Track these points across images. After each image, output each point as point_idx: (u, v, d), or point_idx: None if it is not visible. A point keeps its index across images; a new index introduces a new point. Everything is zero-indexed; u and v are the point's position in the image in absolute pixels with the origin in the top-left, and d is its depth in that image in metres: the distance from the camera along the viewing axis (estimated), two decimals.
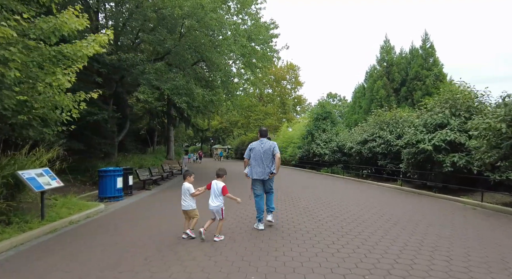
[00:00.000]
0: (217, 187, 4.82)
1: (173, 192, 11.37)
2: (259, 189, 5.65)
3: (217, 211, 4.81)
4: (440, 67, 23.70)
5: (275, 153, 5.52)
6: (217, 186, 4.82)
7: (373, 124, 15.71)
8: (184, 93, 11.33)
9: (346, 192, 10.75)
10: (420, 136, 10.11)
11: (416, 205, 8.19)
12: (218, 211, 4.80)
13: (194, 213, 5.04)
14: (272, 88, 45.67)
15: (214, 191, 4.82)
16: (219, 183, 4.86)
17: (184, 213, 5.08)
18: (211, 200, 4.83)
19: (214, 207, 4.79)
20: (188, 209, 4.99)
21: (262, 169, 5.53)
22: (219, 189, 4.79)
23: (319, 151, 21.05)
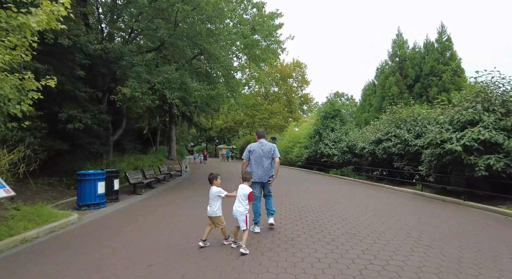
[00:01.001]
0: (243, 192, 4.49)
1: (167, 197, 10.23)
2: (258, 192, 5.48)
3: (242, 220, 4.34)
4: (458, 61, 22.13)
5: (275, 156, 5.48)
6: (243, 191, 4.50)
7: (388, 122, 14.34)
8: (178, 88, 10.16)
9: (360, 198, 9.46)
10: (446, 135, 8.75)
11: (446, 216, 6.86)
12: (243, 219, 4.34)
13: (219, 220, 4.56)
14: (278, 86, 44.39)
15: (240, 195, 4.49)
16: (246, 187, 4.55)
17: (210, 219, 4.61)
18: (236, 205, 4.46)
19: (239, 213, 4.35)
20: (213, 216, 4.53)
21: (262, 171, 5.42)
22: (245, 194, 4.47)
23: (327, 151, 19.72)
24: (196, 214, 6.84)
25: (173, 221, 6.37)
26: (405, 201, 9.17)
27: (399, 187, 12.15)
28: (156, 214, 7.32)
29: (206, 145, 66.14)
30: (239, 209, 4.33)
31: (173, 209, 7.84)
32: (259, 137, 5.68)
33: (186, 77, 10.22)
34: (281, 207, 7.55)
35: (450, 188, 10.05)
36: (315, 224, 5.91)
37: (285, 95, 44.75)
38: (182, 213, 7.21)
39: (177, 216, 6.92)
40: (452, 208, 7.93)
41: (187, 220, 6.43)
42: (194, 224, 5.93)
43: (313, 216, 6.65)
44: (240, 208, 4.34)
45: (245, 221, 4.31)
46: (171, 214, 7.07)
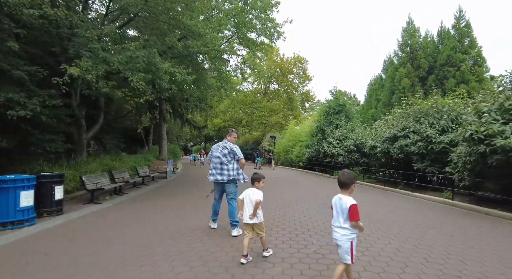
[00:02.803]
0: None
1: (132, 208, 8.06)
2: (217, 193, 5.44)
3: (346, 248, 2.89)
4: (478, 49, 19.81)
5: (237, 158, 5.29)
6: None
7: (404, 115, 12.13)
8: (143, 69, 7.98)
9: (376, 209, 7.27)
10: (495, 127, 6.55)
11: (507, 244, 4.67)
12: (347, 248, 2.89)
13: (260, 228, 3.83)
14: (277, 82, 42.18)
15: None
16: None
17: (247, 228, 3.82)
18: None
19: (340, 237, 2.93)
20: (254, 223, 3.75)
21: (220, 172, 5.25)
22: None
23: (331, 151, 17.50)
24: (162, 233, 4.70)
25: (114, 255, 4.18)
26: (441, 216, 6.95)
27: (420, 194, 9.95)
28: (108, 232, 5.15)
29: (205, 145, 64.06)
30: (339, 231, 2.91)
31: (131, 228, 5.69)
32: (227, 136, 5.46)
33: (155, 56, 8.04)
34: (270, 224, 5.39)
35: (491, 196, 7.84)
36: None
37: (285, 92, 42.52)
38: (138, 236, 5.04)
39: (128, 243, 4.74)
40: (509, 229, 5.72)
41: (141, 252, 4.25)
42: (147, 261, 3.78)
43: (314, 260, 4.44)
44: (340, 230, 2.90)
45: (350, 249, 2.86)
46: (120, 238, 4.90)
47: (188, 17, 9.40)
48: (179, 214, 6.82)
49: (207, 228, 5.45)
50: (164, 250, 4.21)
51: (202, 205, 7.71)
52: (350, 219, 2.84)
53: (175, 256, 3.97)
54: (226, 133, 5.57)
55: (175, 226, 5.58)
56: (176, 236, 4.92)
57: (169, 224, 5.75)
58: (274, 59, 40.86)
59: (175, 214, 6.83)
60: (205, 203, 7.71)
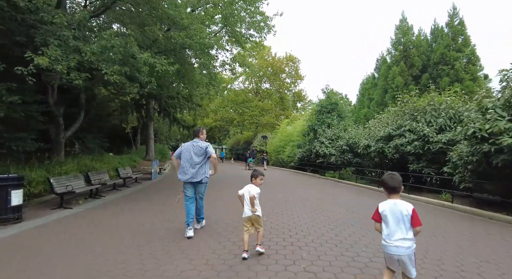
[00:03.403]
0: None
1: (110, 210, 7.31)
2: (190, 193, 5.17)
3: (411, 261, 2.45)
4: (472, 47, 19.50)
5: (208, 154, 5.12)
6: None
7: (400, 114, 11.60)
8: (119, 60, 7.22)
9: (371, 213, 6.69)
10: (501, 124, 6.00)
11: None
12: (412, 260, 2.45)
13: (259, 222, 3.95)
14: (269, 81, 41.58)
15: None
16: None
17: (247, 223, 3.91)
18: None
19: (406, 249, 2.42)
20: (256, 216, 3.87)
21: (192, 171, 5.06)
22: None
23: (324, 151, 16.94)
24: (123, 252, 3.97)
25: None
26: (442, 222, 6.36)
27: (417, 196, 9.40)
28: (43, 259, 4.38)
29: None
30: (403, 244, 2.41)
31: (95, 237, 4.94)
32: (195, 135, 5.39)
33: (133, 45, 7.27)
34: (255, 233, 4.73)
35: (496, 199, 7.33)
36: None
37: (277, 92, 41.95)
38: (101, 250, 4.30)
39: (83, 261, 4.00)
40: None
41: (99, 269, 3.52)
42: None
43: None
44: (406, 242, 2.42)
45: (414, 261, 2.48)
46: (73, 257, 4.15)
47: (171, 7, 8.67)
48: (157, 219, 6.09)
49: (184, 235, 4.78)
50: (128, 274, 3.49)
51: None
52: (415, 225, 2.42)
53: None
54: (197, 132, 5.40)
55: (148, 234, 4.86)
56: (148, 248, 4.20)
57: (141, 232, 5.02)
58: (266, 58, 40.26)
59: (152, 220, 6.09)
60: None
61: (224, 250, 4.19)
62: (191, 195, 5.19)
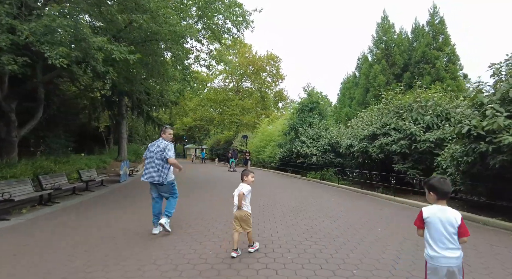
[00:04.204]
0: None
1: (59, 221, 6.16)
2: (154, 193, 5.12)
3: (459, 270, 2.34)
4: (452, 47, 19.45)
5: (166, 157, 4.89)
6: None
7: (385, 111, 11.03)
8: (68, 42, 6.11)
9: (361, 219, 5.92)
10: (500, 120, 5.39)
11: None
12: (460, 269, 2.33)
13: (248, 222, 3.88)
14: (250, 80, 40.74)
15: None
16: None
17: (235, 222, 3.88)
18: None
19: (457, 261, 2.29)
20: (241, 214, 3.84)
21: (153, 172, 4.92)
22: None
23: (305, 150, 16.27)
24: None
25: None
26: None
27: (403, 198, 8.81)
28: None
29: (175, 145, 61.35)
30: (454, 254, 2.17)
31: (22, 264, 3.86)
32: (160, 135, 5.20)
33: (84, 26, 6.18)
34: (227, 246, 3.82)
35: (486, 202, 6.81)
36: None
37: (258, 91, 41.16)
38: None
39: None
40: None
41: None
42: None
43: None
44: (457, 252, 2.19)
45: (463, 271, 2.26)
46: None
47: None
48: (114, 227, 5.04)
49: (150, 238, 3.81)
50: None
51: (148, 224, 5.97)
52: (463, 235, 2.22)
53: None
54: (161, 131, 5.31)
55: (101, 248, 3.84)
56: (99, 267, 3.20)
57: (92, 245, 3.99)
58: (246, 56, 39.40)
59: (108, 231, 5.04)
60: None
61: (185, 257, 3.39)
62: (154, 196, 5.11)
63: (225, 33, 12.68)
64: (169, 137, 5.14)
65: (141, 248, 4.19)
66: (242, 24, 13.22)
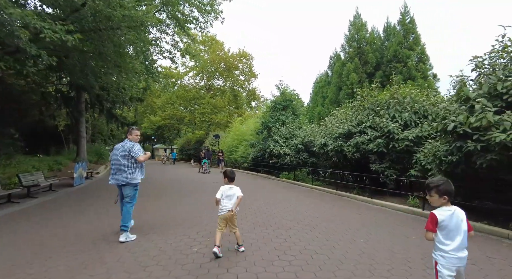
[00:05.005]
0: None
1: None
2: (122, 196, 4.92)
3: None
4: (422, 46, 19.65)
5: (135, 156, 4.75)
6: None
7: (361, 108, 10.54)
8: None
9: (340, 230, 5.21)
10: (489, 116, 4.89)
11: None
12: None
13: (235, 222, 4.03)
14: (222, 78, 39.62)
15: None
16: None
17: (221, 222, 3.93)
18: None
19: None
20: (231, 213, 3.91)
21: (118, 173, 4.78)
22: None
23: (278, 150, 15.58)
24: None
25: None
26: (423, 237, 5.09)
27: (381, 201, 8.29)
28: None
29: (143, 144, 58.62)
30: (465, 252, 2.22)
31: None
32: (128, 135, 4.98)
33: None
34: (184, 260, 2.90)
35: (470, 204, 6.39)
36: None
37: (231, 89, 40.11)
38: None
39: None
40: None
41: None
42: None
43: None
44: (466, 251, 2.24)
45: None
46: None
47: None
48: (48, 245, 3.90)
49: None
50: None
51: (107, 231, 4.86)
52: (470, 230, 2.24)
53: None
54: (126, 131, 5.16)
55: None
56: None
57: None
58: (218, 53, 38.24)
59: (36, 249, 3.89)
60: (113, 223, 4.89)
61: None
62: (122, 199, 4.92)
63: (191, 23, 11.58)
64: (135, 138, 4.96)
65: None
66: (211, 14, 12.24)
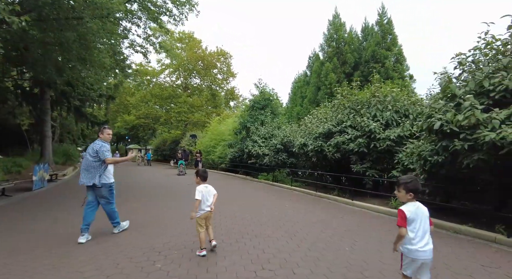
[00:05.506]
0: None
1: None
2: (90, 197, 4.85)
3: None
4: (399, 47, 19.90)
5: (102, 158, 4.68)
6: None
7: (341, 107, 10.27)
8: None
9: (324, 237, 4.80)
10: (477, 114, 4.65)
11: None
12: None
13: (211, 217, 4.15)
14: (200, 76, 38.68)
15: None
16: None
17: (201, 222, 3.98)
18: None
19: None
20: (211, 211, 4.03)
21: (85, 174, 4.70)
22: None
23: (256, 150, 15.12)
24: None
25: None
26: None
27: (362, 202, 8.02)
28: None
29: (116, 145, 56.36)
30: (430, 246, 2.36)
31: None
32: (99, 134, 4.94)
33: None
34: None
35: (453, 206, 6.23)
36: None
37: (209, 88, 39.21)
38: None
39: None
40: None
41: None
42: None
43: None
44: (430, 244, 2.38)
45: None
46: None
47: None
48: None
49: None
50: None
51: (62, 240, 4.11)
52: (431, 224, 2.42)
53: None
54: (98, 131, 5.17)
55: None
56: None
57: None
58: (195, 51, 37.26)
59: None
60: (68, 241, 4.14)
61: None
62: (91, 199, 4.88)
63: (164, 15, 10.87)
64: (107, 137, 4.89)
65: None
66: (185, 6, 11.57)
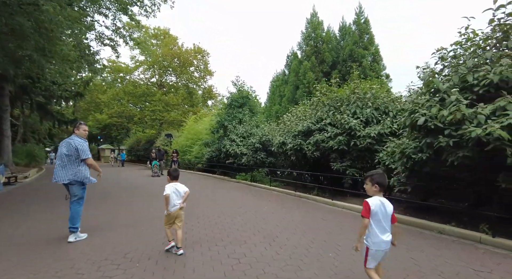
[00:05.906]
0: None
1: None
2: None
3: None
4: (376, 46, 20.13)
5: (82, 157, 4.52)
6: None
7: (320, 105, 10.03)
8: None
9: (305, 242, 4.44)
10: (463, 108, 4.46)
11: None
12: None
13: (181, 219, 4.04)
14: (176, 74, 37.62)
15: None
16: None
17: (171, 220, 3.95)
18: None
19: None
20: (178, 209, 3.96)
21: (61, 171, 4.50)
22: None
23: (234, 149, 14.65)
24: None
25: None
26: (399, 246, 4.49)
27: (342, 202, 7.78)
28: None
29: (88, 146, 53.78)
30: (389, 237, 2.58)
31: None
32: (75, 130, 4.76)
33: None
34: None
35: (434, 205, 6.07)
36: None
37: (185, 87, 38.22)
38: None
39: None
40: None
41: None
42: None
43: None
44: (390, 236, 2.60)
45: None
46: None
47: None
48: None
49: None
50: None
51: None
52: (395, 221, 2.62)
53: None
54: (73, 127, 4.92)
55: None
56: None
57: None
58: (171, 48, 36.22)
59: None
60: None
61: None
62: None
63: (134, 5, 10.16)
64: (83, 133, 4.76)
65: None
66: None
